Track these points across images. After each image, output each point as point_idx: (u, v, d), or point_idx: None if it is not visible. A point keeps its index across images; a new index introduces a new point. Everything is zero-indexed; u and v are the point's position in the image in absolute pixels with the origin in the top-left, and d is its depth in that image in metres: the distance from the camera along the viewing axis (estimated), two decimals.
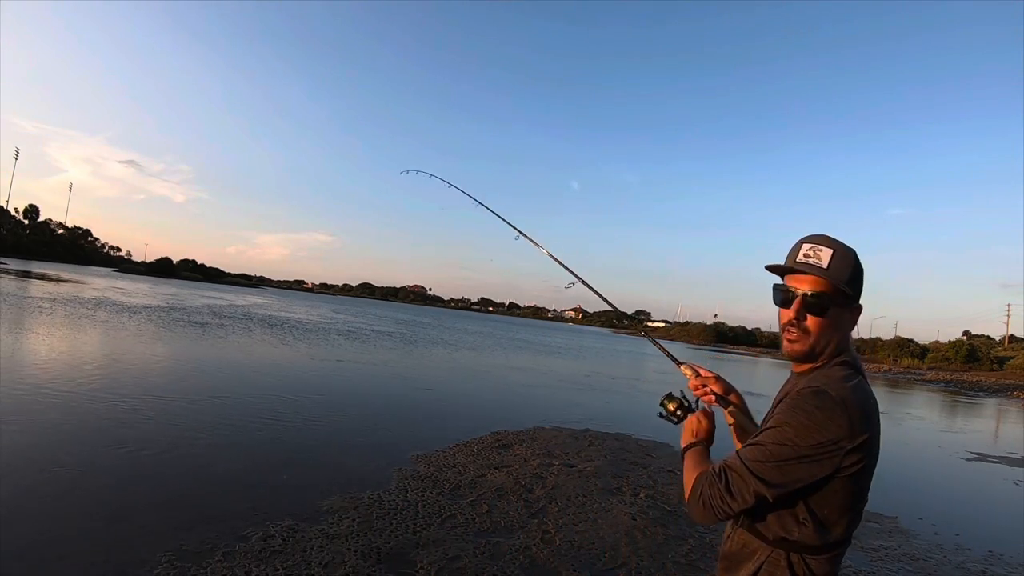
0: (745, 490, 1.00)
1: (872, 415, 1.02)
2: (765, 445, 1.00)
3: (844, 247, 1.09)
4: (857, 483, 1.01)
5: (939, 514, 5.53)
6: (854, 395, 1.00)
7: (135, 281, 51.42)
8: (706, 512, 1.06)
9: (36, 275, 38.07)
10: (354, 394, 8.95)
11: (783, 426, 0.99)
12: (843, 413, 0.97)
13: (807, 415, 0.97)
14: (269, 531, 3.44)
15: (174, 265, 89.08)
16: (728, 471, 1.03)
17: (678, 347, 53.77)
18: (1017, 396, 24.38)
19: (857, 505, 1.04)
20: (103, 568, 2.85)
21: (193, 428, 5.64)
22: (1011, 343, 55.63)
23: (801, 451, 0.96)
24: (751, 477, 1.00)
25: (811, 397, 0.99)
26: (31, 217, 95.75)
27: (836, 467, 0.97)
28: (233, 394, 7.71)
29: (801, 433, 0.97)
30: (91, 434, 5.08)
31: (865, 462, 0.99)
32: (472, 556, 3.40)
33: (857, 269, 1.09)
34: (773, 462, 0.98)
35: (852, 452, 0.97)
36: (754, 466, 1.00)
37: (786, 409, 1.01)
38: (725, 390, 1.38)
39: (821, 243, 1.09)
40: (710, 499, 1.04)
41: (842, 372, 1.05)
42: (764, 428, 1.04)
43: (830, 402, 0.97)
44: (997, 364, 40.47)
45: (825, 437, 0.96)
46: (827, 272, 1.06)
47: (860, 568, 3.95)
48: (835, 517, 1.01)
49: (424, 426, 7.13)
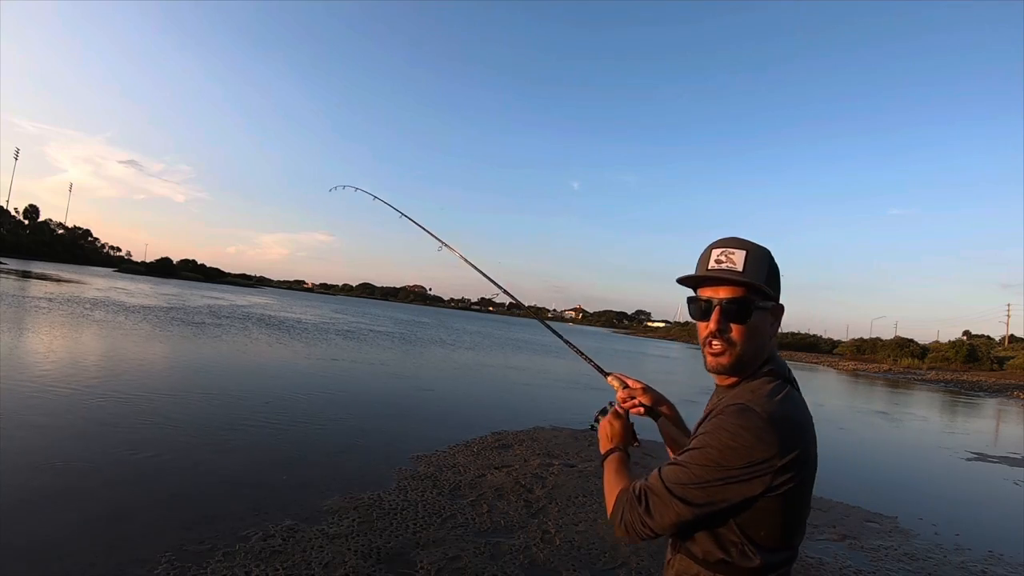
0: (666, 512, 0.95)
1: (804, 428, 0.96)
2: (688, 466, 0.94)
3: (756, 247, 1.03)
4: (792, 499, 0.94)
5: (939, 514, 5.53)
6: (782, 410, 0.94)
7: (135, 281, 51.41)
8: (628, 534, 1.00)
9: (36, 275, 38.06)
10: (354, 394, 8.94)
11: (707, 447, 0.93)
12: (771, 431, 0.90)
13: (731, 436, 0.91)
14: (269, 531, 3.44)
15: (174, 265, 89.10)
16: (648, 493, 0.98)
17: (678, 347, 53.74)
18: (1017, 396, 24.37)
19: (795, 521, 0.97)
20: (103, 568, 2.85)
21: (193, 428, 5.64)
22: (1011, 343, 55.62)
23: (727, 472, 0.91)
24: (671, 499, 0.94)
25: (735, 416, 0.93)
26: (31, 217, 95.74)
27: (767, 486, 0.91)
28: (233, 394, 7.70)
29: (726, 455, 0.91)
30: (91, 434, 5.08)
31: (799, 478, 0.93)
32: (472, 556, 3.40)
33: (773, 267, 1.04)
34: (695, 484, 0.92)
35: (783, 470, 0.91)
36: (675, 488, 0.94)
37: (711, 429, 0.95)
38: (655, 401, 1.31)
39: (732, 246, 1.03)
40: (631, 522, 0.99)
41: (769, 385, 0.99)
42: (687, 448, 0.98)
43: (756, 420, 0.91)
44: (997, 364, 40.44)
45: (753, 458, 0.90)
46: (743, 275, 1.00)
47: (860, 568, 3.95)
48: (772, 537, 0.95)
49: (424, 426, 7.13)
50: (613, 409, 1.29)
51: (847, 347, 60.26)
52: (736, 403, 0.95)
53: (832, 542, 4.42)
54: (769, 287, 1.02)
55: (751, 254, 1.01)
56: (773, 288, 1.03)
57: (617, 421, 1.25)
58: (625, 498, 1.01)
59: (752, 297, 1.01)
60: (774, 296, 1.04)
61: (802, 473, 0.94)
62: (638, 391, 1.32)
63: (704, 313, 1.04)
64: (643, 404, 1.30)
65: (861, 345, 57.48)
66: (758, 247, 1.03)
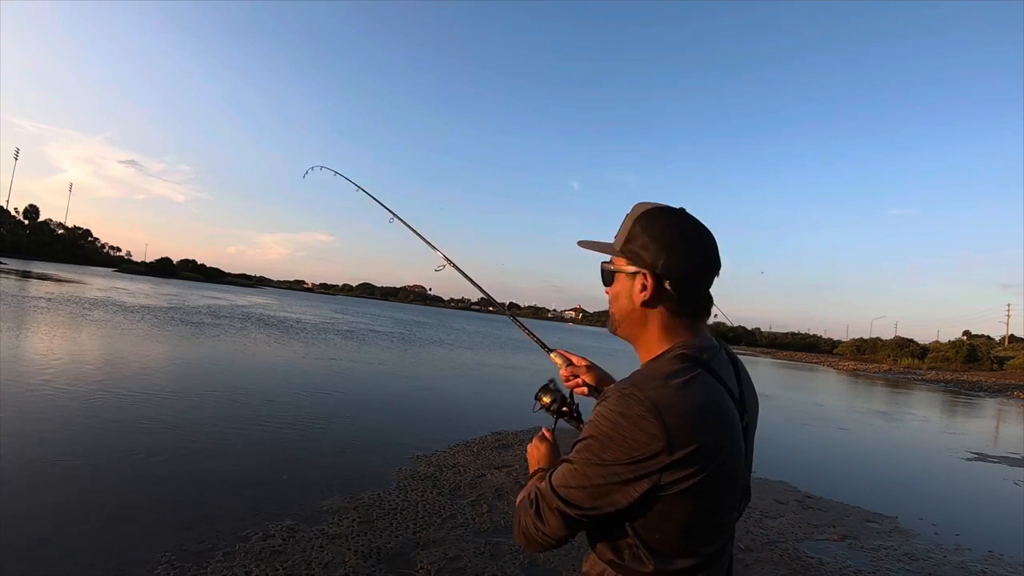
0: (556, 516, 0.86)
1: (708, 419, 0.81)
2: (573, 464, 0.85)
3: (634, 211, 0.95)
4: (695, 501, 0.81)
5: (939, 514, 5.53)
6: (676, 396, 0.80)
7: (135, 281, 51.41)
8: (528, 542, 0.91)
9: (37, 275, 38.06)
10: (354, 394, 8.94)
11: (589, 439, 0.83)
12: (655, 420, 0.77)
13: (611, 424, 0.80)
14: (269, 531, 3.44)
15: (174, 265, 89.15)
16: (539, 496, 0.90)
17: None
18: (1017, 396, 24.37)
19: (701, 525, 0.84)
20: (103, 568, 2.85)
21: (193, 428, 5.64)
22: (1011, 343, 55.65)
23: (610, 470, 0.80)
24: (557, 501, 0.85)
25: (616, 402, 0.81)
26: (31, 217, 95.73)
27: (654, 485, 0.79)
28: (233, 394, 7.70)
29: (608, 447, 0.80)
30: (91, 434, 5.08)
31: (702, 475, 0.79)
32: (472, 556, 3.40)
33: (632, 231, 0.92)
34: (578, 486, 0.83)
35: (675, 467, 0.77)
36: (561, 490, 0.85)
37: (593, 417, 0.84)
38: (599, 379, 1.21)
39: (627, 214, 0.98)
40: (526, 527, 0.91)
41: (670, 367, 0.84)
42: (576, 439, 0.88)
43: (638, 408, 0.78)
44: (997, 364, 40.46)
45: (636, 452, 0.78)
46: (614, 243, 0.96)
47: (860, 568, 3.95)
48: (668, 542, 0.83)
49: (424, 426, 7.13)
50: (540, 432, 1.19)
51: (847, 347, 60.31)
52: (619, 387, 0.84)
53: (832, 542, 4.42)
54: (627, 253, 0.93)
55: (625, 220, 0.96)
56: (633, 254, 0.92)
57: (543, 444, 1.16)
58: (522, 505, 0.95)
59: (611, 263, 0.97)
60: (634, 258, 0.92)
61: (705, 472, 0.79)
62: (582, 369, 1.23)
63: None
64: (586, 383, 1.21)
65: (861, 345, 57.51)
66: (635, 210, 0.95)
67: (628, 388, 0.82)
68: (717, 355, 0.91)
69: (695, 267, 0.90)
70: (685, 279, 0.90)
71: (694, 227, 0.92)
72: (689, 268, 0.90)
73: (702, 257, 0.91)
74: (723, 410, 0.85)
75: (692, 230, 0.91)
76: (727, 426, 0.84)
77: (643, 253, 0.91)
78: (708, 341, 0.92)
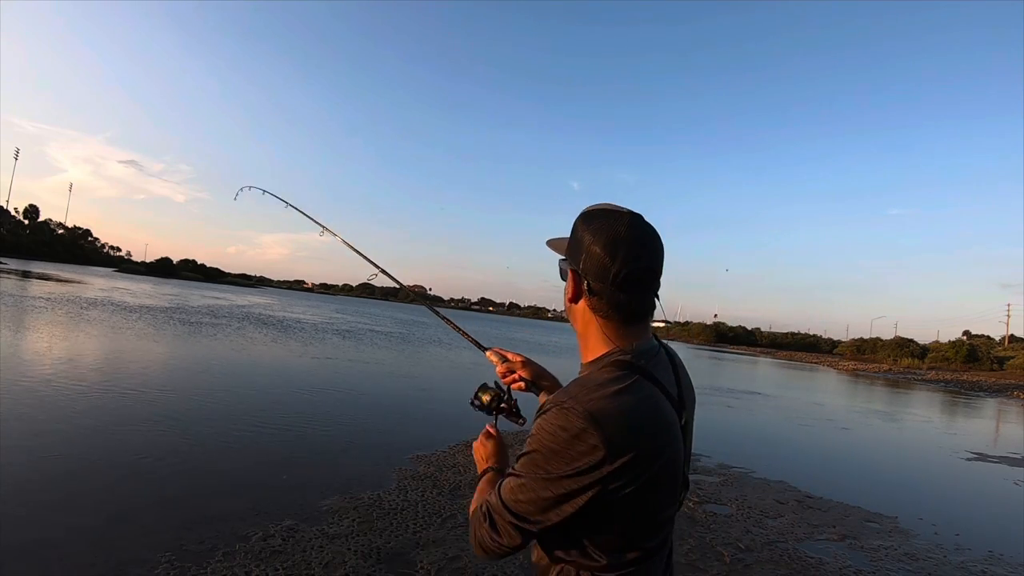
0: (510, 530, 0.88)
1: (644, 425, 0.83)
2: (521, 478, 0.86)
3: (580, 215, 0.98)
4: (637, 503, 0.84)
5: (939, 514, 5.53)
6: (613, 406, 0.81)
7: (136, 281, 51.42)
8: (485, 554, 0.92)
9: (37, 275, 38.07)
10: (354, 394, 8.94)
11: (533, 453, 0.85)
12: (595, 432, 0.79)
13: (552, 437, 0.82)
14: (269, 531, 3.44)
15: (174, 265, 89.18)
16: (491, 513, 0.90)
17: (678, 347, 53.75)
18: (1017, 396, 24.37)
19: (644, 523, 0.88)
20: (103, 568, 2.85)
21: (193, 428, 5.64)
22: (1011, 343, 55.63)
23: (555, 483, 0.82)
24: (509, 516, 0.87)
25: (555, 416, 0.82)
26: (31, 217, 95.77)
27: (599, 493, 0.81)
28: (233, 394, 7.71)
29: (551, 460, 0.82)
30: (91, 434, 5.07)
31: (640, 482, 0.82)
32: (472, 556, 3.40)
33: (575, 227, 0.97)
34: (527, 500, 0.85)
35: (617, 474, 0.80)
36: (512, 504, 0.87)
37: (535, 430, 0.86)
38: (535, 375, 1.25)
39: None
40: (482, 540, 0.92)
41: (606, 375, 0.86)
42: (520, 452, 0.89)
43: (576, 421, 0.80)
44: (997, 364, 40.47)
45: (579, 464, 0.80)
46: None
47: (860, 568, 3.95)
48: (616, 541, 0.86)
49: (424, 426, 7.13)
50: (485, 430, 1.21)
51: (847, 347, 60.32)
52: (557, 400, 0.85)
53: (832, 542, 4.42)
54: (570, 251, 0.97)
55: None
56: (571, 251, 0.96)
57: (489, 441, 1.18)
58: (475, 517, 0.95)
59: (562, 261, 1.01)
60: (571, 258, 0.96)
61: (644, 476, 0.82)
62: (517, 365, 1.26)
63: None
64: (523, 378, 1.24)
65: (861, 345, 57.53)
66: (581, 214, 0.98)
67: (566, 401, 0.83)
68: (655, 358, 0.92)
69: (619, 269, 0.88)
70: (605, 280, 0.89)
71: (630, 230, 0.90)
72: (614, 268, 0.88)
73: (626, 260, 0.88)
74: (660, 414, 0.86)
75: (623, 233, 0.89)
76: (664, 429, 0.86)
77: (575, 250, 0.94)
78: (647, 344, 0.92)
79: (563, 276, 1.01)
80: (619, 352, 0.90)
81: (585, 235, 0.92)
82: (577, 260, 0.93)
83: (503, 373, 1.26)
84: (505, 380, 1.25)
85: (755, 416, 11.77)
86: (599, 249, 0.89)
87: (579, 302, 0.94)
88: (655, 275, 0.92)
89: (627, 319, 0.91)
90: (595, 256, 0.89)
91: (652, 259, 0.91)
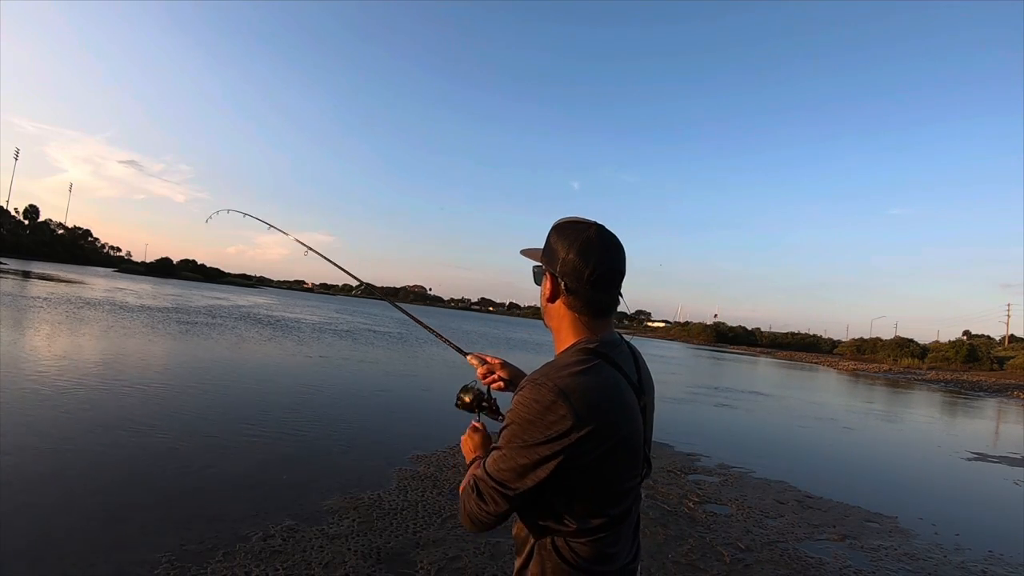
0: (495, 496, 0.99)
1: (603, 403, 0.97)
2: (502, 449, 0.99)
3: (553, 227, 1.14)
4: (598, 472, 0.97)
5: (939, 514, 5.53)
6: (577, 382, 0.95)
7: (136, 281, 51.43)
8: (473, 524, 1.04)
9: (37, 275, 38.07)
10: (354, 394, 8.95)
11: (511, 425, 0.97)
12: (563, 403, 0.93)
13: (527, 409, 0.95)
14: (269, 531, 3.44)
15: (174, 265, 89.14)
16: (479, 481, 1.03)
17: (678, 347, 53.69)
18: (1017, 396, 24.38)
19: (605, 492, 1.01)
20: (103, 568, 2.85)
21: (193, 428, 5.64)
22: (1011, 343, 55.64)
23: (531, 450, 0.94)
24: (492, 483, 0.99)
25: (529, 391, 0.97)
26: (31, 217, 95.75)
27: (566, 459, 0.94)
28: (234, 394, 7.71)
29: (528, 430, 0.94)
30: (91, 434, 5.08)
31: (600, 451, 0.96)
32: (472, 556, 3.41)
33: (551, 236, 1.12)
34: (508, 468, 0.97)
35: (582, 442, 0.93)
36: (495, 473, 0.99)
37: (513, 406, 0.99)
38: (512, 375, 1.40)
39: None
40: (471, 511, 1.03)
41: (573, 358, 1.01)
42: (501, 427, 1.02)
43: (548, 394, 0.94)
44: (997, 364, 40.48)
45: (550, 432, 0.93)
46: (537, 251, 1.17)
47: (860, 568, 3.95)
48: (582, 507, 0.99)
49: (424, 426, 7.13)
50: (471, 425, 1.31)
51: (847, 347, 60.35)
52: (530, 378, 0.99)
53: (832, 542, 4.42)
54: (545, 255, 1.12)
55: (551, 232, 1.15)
56: (547, 256, 1.11)
57: (476, 435, 1.30)
58: (464, 491, 1.07)
59: (537, 266, 1.16)
60: (548, 262, 1.11)
61: (604, 447, 0.96)
62: (497, 367, 1.41)
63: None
64: (502, 378, 1.39)
65: (861, 345, 57.55)
66: (554, 226, 1.14)
67: (539, 378, 0.97)
68: (617, 348, 1.08)
69: (589, 269, 1.05)
70: (580, 280, 1.05)
71: (598, 237, 1.07)
72: (585, 269, 1.05)
73: (597, 263, 1.05)
74: (619, 393, 1.00)
75: (592, 238, 1.07)
76: (623, 406, 1.00)
77: (551, 256, 1.09)
78: (610, 337, 1.08)
79: (537, 280, 1.17)
80: (586, 341, 1.05)
81: (560, 243, 1.08)
82: (554, 264, 1.08)
83: (483, 375, 1.40)
84: (485, 381, 1.38)
85: (755, 416, 11.77)
86: (573, 254, 1.06)
87: (556, 301, 1.09)
88: (620, 275, 1.09)
89: (595, 314, 1.07)
90: (570, 261, 1.06)
91: (617, 262, 1.08)
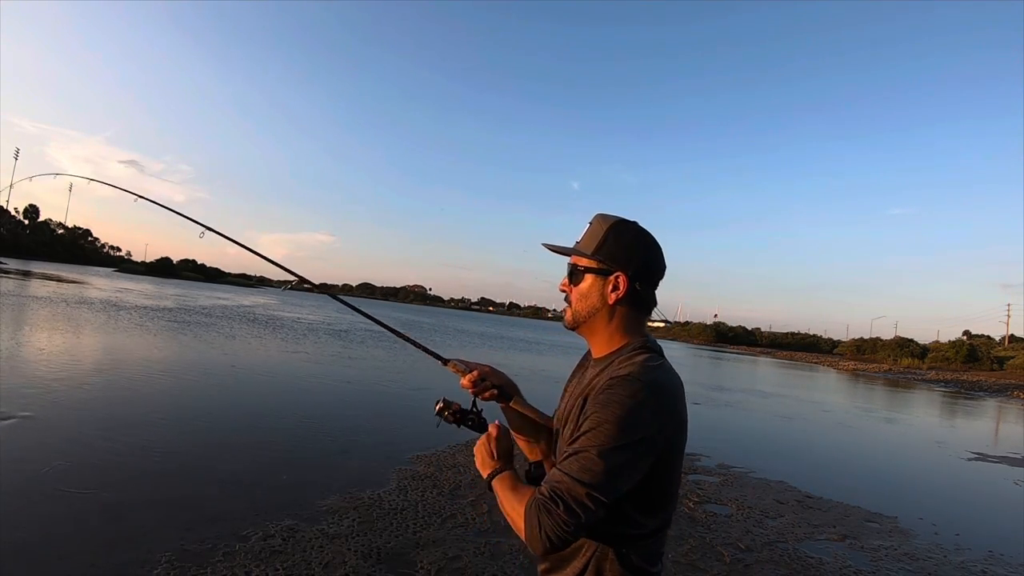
0: (589, 503, 0.88)
1: (680, 396, 0.99)
2: (589, 452, 0.89)
3: (598, 221, 1.10)
4: (673, 467, 0.99)
5: (939, 514, 5.53)
6: (664, 380, 0.97)
7: (137, 281, 51.43)
8: (555, 543, 0.91)
9: (38, 275, 38.07)
10: (353, 393, 8.94)
11: (602, 425, 0.90)
12: (656, 399, 0.93)
13: (622, 407, 0.90)
14: (269, 531, 3.44)
15: (175, 265, 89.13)
16: (559, 493, 0.90)
17: (678, 346, 53.68)
18: (1017, 396, 24.37)
19: (674, 488, 1.01)
20: (103, 568, 2.85)
21: (193, 427, 5.64)
22: (1011, 343, 55.61)
23: (628, 451, 0.89)
24: (589, 489, 0.88)
25: (622, 387, 0.92)
26: (31, 217, 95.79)
27: (658, 456, 0.93)
28: (234, 394, 7.71)
29: (624, 428, 0.89)
30: (91, 434, 5.07)
31: (679, 443, 0.98)
32: (472, 556, 3.40)
33: (606, 238, 1.06)
34: (603, 471, 0.88)
35: (671, 440, 0.95)
36: (592, 479, 0.88)
37: (600, 407, 0.92)
38: (503, 382, 1.24)
39: (591, 223, 1.12)
40: (553, 529, 0.89)
41: (645, 355, 1.00)
42: (580, 432, 0.93)
43: (643, 390, 0.92)
44: (997, 364, 40.47)
45: (646, 429, 0.90)
46: (578, 246, 1.11)
47: (860, 568, 3.95)
48: (656, 505, 0.98)
49: (424, 426, 7.11)
50: (488, 431, 1.17)
51: (847, 347, 60.32)
52: (620, 375, 0.95)
53: (832, 542, 4.42)
54: (599, 255, 1.07)
55: (590, 228, 1.11)
56: (603, 256, 1.06)
57: (496, 442, 1.16)
58: (538, 508, 0.92)
59: (582, 264, 1.09)
60: (606, 264, 1.06)
61: (682, 440, 0.99)
62: (488, 374, 1.23)
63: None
64: (495, 385, 1.21)
65: (861, 345, 57.53)
66: (601, 220, 1.10)
67: (628, 375, 0.95)
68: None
69: (657, 271, 1.08)
70: (649, 281, 1.07)
71: (652, 237, 1.09)
72: (653, 272, 1.08)
73: (660, 263, 1.08)
74: (683, 391, 1.03)
75: (652, 240, 1.09)
76: (684, 401, 1.02)
77: (619, 256, 1.06)
78: (655, 340, 1.08)
79: (578, 277, 1.10)
80: (645, 339, 1.06)
81: (630, 245, 1.06)
82: (627, 266, 1.05)
83: (469, 383, 1.21)
84: (474, 391, 1.21)
85: (755, 416, 11.76)
86: (648, 256, 1.07)
87: (621, 301, 1.06)
88: (663, 274, 1.11)
89: (646, 313, 1.10)
90: (646, 263, 1.06)
91: (664, 261, 1.10)
